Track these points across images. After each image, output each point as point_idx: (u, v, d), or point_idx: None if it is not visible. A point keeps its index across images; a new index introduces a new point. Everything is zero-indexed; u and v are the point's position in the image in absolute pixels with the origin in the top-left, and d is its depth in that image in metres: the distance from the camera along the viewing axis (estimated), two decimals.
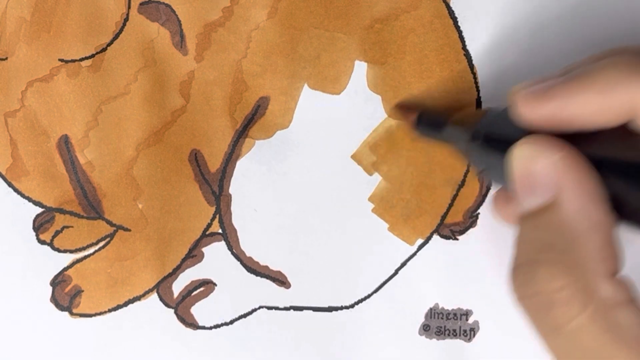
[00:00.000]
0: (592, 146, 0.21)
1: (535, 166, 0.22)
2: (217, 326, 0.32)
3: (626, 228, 0.21)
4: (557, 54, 0.30)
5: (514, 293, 0.22)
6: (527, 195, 0.22)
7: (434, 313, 0.31)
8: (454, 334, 0.31)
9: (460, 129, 0.27)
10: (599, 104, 0.21)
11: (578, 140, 0.22)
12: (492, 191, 0.31)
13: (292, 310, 0.32)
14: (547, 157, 0.21)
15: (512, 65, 0.31)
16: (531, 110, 0.23)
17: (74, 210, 0.32)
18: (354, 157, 0.31)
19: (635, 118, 0.21)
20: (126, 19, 0.31)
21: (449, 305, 0.31)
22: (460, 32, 0.31)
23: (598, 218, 0.20)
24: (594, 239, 0.20)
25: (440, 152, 0.31)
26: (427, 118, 0.29)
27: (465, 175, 0.31)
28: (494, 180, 0.26)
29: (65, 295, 0.32)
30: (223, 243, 0.32)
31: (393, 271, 0.31)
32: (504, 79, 0.31)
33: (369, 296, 0.31)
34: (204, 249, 0.32)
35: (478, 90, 0.31)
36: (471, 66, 0.31)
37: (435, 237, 0.31)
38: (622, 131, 0.21)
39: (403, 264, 0.31)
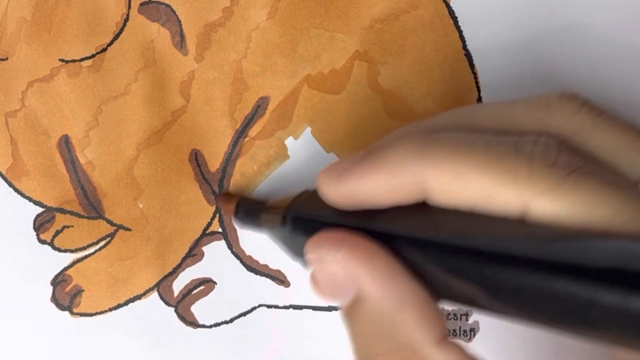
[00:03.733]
0: (392, 224, 0.21)
1: (328, 269, 0.22)
2: (217, 325, 0.32)
3: (443, 302, 0.21)
4: (558, 54, 0.30)
5: None
6: (334, 296, 0.22)
7: None
8: (454, 334, 0.31)
9: (273, 214, 0.27)
10: (389, 184, 0.21)
11: (380, 218, 0.22)
12: None
13: (291, 309, 0.32)
14: (335, 256, 0.21)
15: (512, 65, 0.31)
16: (331, 190, 0.23)
17: (75, 210, 0.32)
18: None
19: (427, 195, 0.21)
20: (126, 19, 0.31)
21: (449, 305, 0.31)
22: (460, 32, 0.31)
23: (405, 296, 0.20)
24: (408, 315, 0.20)
25: None
26: (245, 206, 0.30)
27: None
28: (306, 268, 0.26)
29: (65, 294, 0.32)
30: (223, 242, 0.32)
31: None
32: (504, 79, 0.31)
33: None
34: (204, 248, 0.32)
35: (479, 90, 0.31)
36: (471, 66, 0.31)
37: None
38: (424, 204, 0.21)
39: None
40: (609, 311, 0.16)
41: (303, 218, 0.25)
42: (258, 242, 0.32)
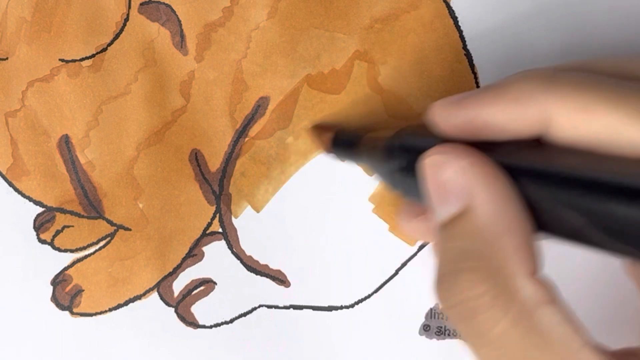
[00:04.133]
0: (507, 155, 0.21)
1: (444, 174, 0.21)
2: (217, 325, 0.32)
3: (543, 236, 0.21)
4: (559, 54, 0.30)
5: (441, 305, 0.22)
6: (440, 204, 0.22)
7: (434, 313, 0.31)
8: (454, 334, 0.31)
9: (374, 145, 0.27)
10: (512, 114, 0.21)
11: (494, 149, 0.22)
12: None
13: (291, 309, 0.32)
14: (456, 163, 0.21)
15: (513, 65, 0.31)
16: (445, 118, 0.23)
17: (75, 209, 0.32)
18: None
19: (547, 129, 0.21)
20: (126, 19, 0.31)
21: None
22: (460, 32, 0.31)
23: (512, 221, 0.20)
24: (509, 241, 0.20)
25: None
26: (342, 137, 0.29)
27: None
28: (411, 197, 0.25)
29: (65, 294, 0.32)
30: (223, 242, 0.32)
31: (393, 271, 0.31)
32: None
33: (369, 296, 0.31)
34: (204, 248, 0.32)
35: None
36: (472, 66, 0.31)
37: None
38: (537, 142, 0.21)
39: (403, 264, 0.31)
40: None
41: (407, 149, 0.24)
42: (258, 242, 0.32)
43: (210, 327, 0.32)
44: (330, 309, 0.32)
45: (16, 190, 0.32)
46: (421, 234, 0.28)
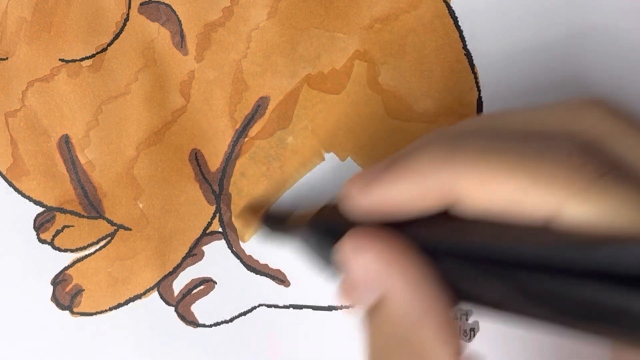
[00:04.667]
0: (420, 233, 0.21)
1: (358, 263, 0.21)
2: (217, 324, 0.32)
3: (465, 306, 0.21)
4: (559, 53, 0.30)
5: None
6: (360, 292, 0.22)
7: None
8: None
9: (300, 224, 0.27)
10: (417, 191, 0.21)
11: (407, 228, 0.21)
12: None
13: (291, 309, 0.32)
14: (369, 251, 0.21)
15: (513, 65, 0.31)
16: (357, 201, 0.22)
17: (75, 209, 0.32)
18: (353, 157, 0.31)
19: (455, 201, 0.20)
20: (126, 19, 0.31)
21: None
22: (460, 32, 0.31)
23: (430, 304, 0.20)
24: (429, 325, 0.20)
25: None
26: (272, 216, 0.30)
27: None
28: (334, 278, 0.26)
29: (66, 294, 0.32)
30: (223, 242, 0.32)
31: None
32: (505, 79, 0.31)
33: None
34: (204, 248, 0.32)
35: (479, 90, 0.31)
36: (472, 66, 0.31)
37: None
38: (449, 216, 0.21)
39: None
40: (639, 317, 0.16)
41: (330, 228, 0.24)
42: (258, 242, 0.32)
43: (210, 326, 0.32)
44: (330, 308, 0.32)
45: (16, 190, 0.32)
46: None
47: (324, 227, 0.25)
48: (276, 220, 0.29)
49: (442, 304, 0.20)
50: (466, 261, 0.20)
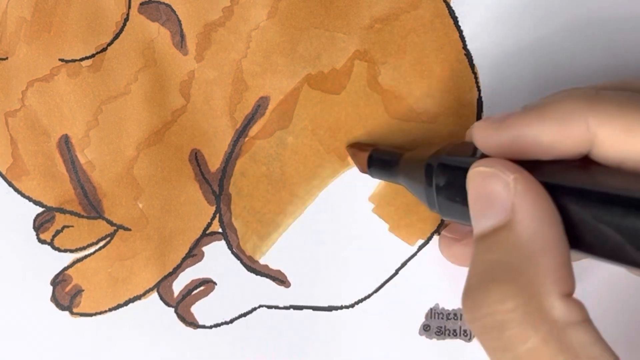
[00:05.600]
0: (549, 174, 0.21)
1: (490, 186, 0.22)
2: (217, 325, 0.32)
3: (581, 255, 0.21)
4: (559, 53, 0.30)
5: (465, 316, 0.22)
6: (482, 215, 0.22)
7: (434, 313, 0.31)
8: (454, 334, 0.31)
9: (412, 165, 0.27)
10: (556, 134, 0.21)
11: (536, 168, 0.22)
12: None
13: (291, 310, 0.32)
14: (503, 177, 0.21)
15: (513, 65, 0.31)
16: (489, 138, 0.23)
17: (75, 209, 0.32)
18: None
19: (591, 149, 0.21)
20: (126, 19, 0.31)
21: (449, 305, 0.31)
22: (460, 32, 0.31)
23: (552, 240, 0.20)
24: (547, 259, 0.20)
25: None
26: (379, 157, 0.29)
27: None
28: (450, 217, 0.26)
29: (65, 294, 0.32)
30: (223, 242, 0.32)
31: (393, 271, 0.31)
32: (505, 79, 0.31)
33: (369, 296, 0.31)
34: (204, 248, 0.32)
35: (479, 90, 0.31)
36: (472, 66, 0.31)
37: (436, 237, 0.31)
38: (579, 161, 0.22)
39: (403, 264, 0.31)
40: None
41: (451, 165, 0.24)
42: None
43: (210, 327, 0.32)
44: (330, 309, 0.32)
45: (16, 190, 0.32)
46: (461, 259, 0.29)
47: (448, 162, 0.25)
48: (385, 160, 0.29)
49: (563, 243, 0.20)
50: (594, 207, 0.20)
